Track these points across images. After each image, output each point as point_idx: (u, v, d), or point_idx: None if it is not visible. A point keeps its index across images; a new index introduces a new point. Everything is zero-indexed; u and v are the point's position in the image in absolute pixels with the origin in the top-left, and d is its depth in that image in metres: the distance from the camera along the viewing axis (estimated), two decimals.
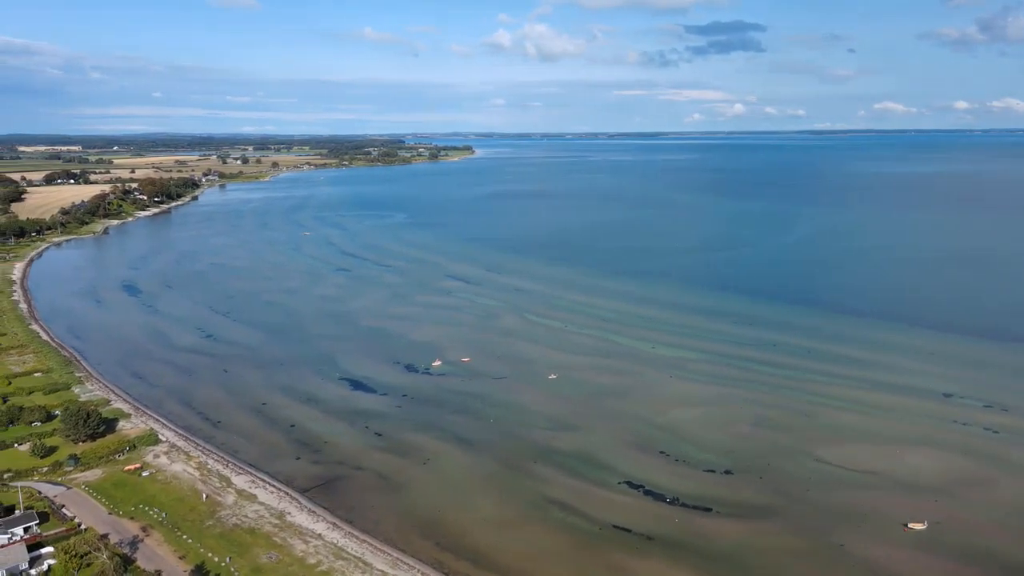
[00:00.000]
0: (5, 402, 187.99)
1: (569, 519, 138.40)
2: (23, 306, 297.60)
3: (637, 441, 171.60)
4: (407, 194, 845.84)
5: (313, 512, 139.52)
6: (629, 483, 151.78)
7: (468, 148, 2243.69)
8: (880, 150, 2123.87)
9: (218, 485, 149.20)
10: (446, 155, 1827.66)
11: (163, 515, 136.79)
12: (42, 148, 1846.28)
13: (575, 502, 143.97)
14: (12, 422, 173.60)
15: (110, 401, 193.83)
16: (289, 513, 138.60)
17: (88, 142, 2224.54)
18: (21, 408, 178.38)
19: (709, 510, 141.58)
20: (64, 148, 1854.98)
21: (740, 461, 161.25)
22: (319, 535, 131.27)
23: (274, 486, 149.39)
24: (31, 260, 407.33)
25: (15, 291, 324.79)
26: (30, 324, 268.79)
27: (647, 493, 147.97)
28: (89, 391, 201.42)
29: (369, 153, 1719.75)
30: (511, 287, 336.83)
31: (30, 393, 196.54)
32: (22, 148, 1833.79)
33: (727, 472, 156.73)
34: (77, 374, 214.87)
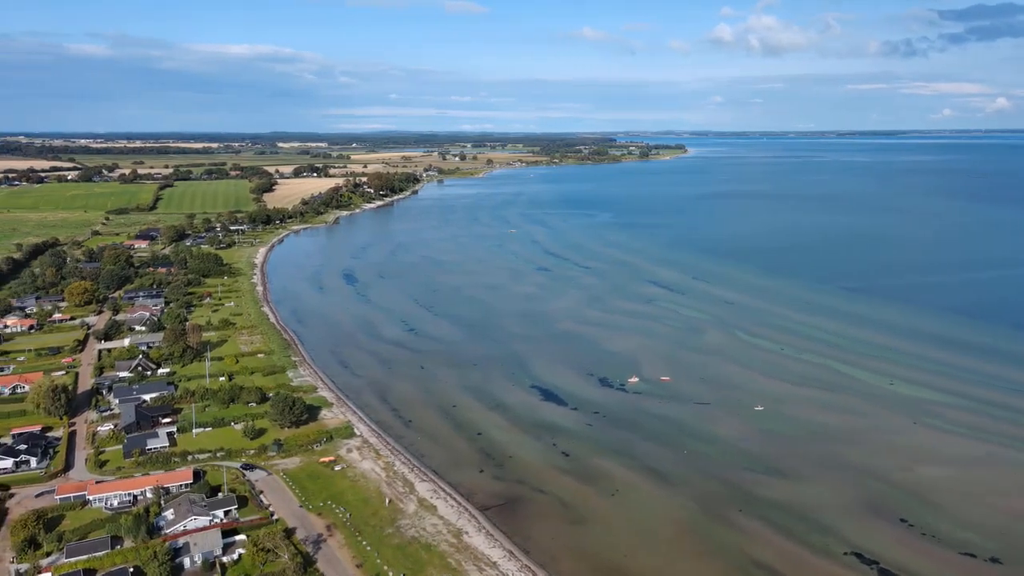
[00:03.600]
0: (231, 380, 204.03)
1: None
2: (259, 288, 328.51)
3: (869, 502, 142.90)
4: (614, 193, 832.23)
5: (491, 535, 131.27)
6: (858, 556, 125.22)
7: (681, 147, 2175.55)
8: None
9: (402, 490, 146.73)
10: (657, 154, 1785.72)
11: (348, 515, 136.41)
12: (296, 144, 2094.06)
13: (788, 570, 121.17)
14: (233, 400, 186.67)
15: (317, 388, 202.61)
16: (467, 532, 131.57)
17: (333, 139, 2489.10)
18: (241, 388, 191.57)
19: None
20: (313, 144, 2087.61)
21: (1014, 547, 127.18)
22: (494, 563, 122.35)
23: (455, 499, 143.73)
24: (272, 246, 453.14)
25: (255, 274, 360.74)
26: (262, 306, 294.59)
27: (883, 573, 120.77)
28: (301, 376, 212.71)
29: (579, 151, 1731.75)
30: (720, 298, 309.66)
31: (252, 373, 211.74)
32: (281, 144, 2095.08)
33: (994, 560, 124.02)
34: (293, 358, 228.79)
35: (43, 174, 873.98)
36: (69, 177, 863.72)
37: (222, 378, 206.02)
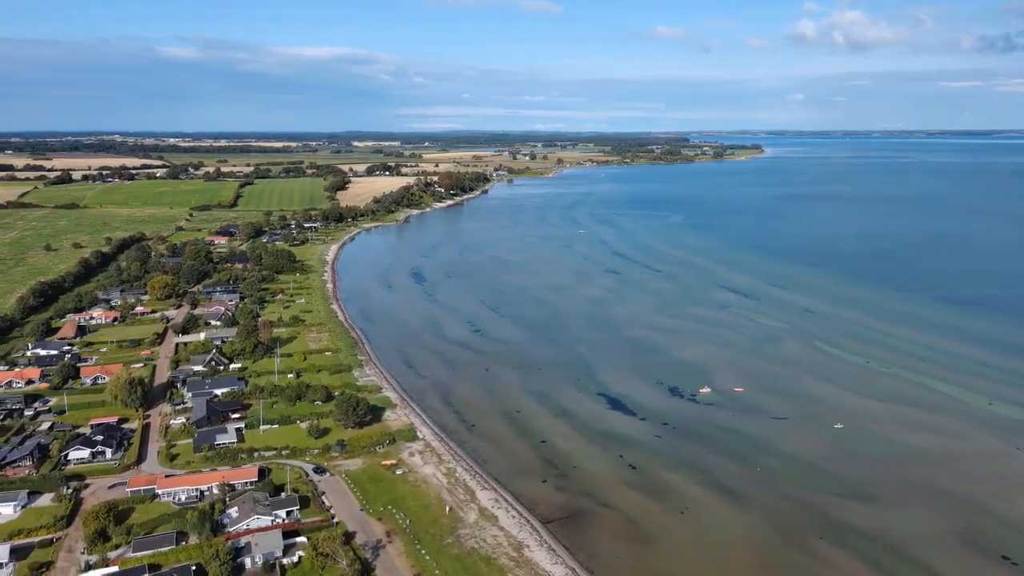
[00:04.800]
0: (298, 377, 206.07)
1: None
2: (329, 286, 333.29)
3: (966, 535, 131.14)
4: (687, 194, 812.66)
5: (552, 550, 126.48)
6: None
7: (757, 147, 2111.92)
8: None
9: (463, 498, 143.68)
10: (732, 154, 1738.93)
11: (407, 521, 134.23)
12: (370, 143, 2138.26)
13: None
14: (299, 398, 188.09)
15: (381, 388, 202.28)
16: (527, 546, 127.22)
17: (406, 138, 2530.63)
18: (308, 386, 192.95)
19: None
20: (386, 143, 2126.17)
21: None
22: None
23: (516, 510, 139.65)
24: (343, 243, 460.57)
25: (326, 271, 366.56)
26: (331, 304, 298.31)
27: None
28: (366, 375, 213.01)
29: (651, 151, 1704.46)
30: (799, 306, 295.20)
31: (319, 371, 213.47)
32: (355, 143, 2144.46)
33: None
34: (359, 357, 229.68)
35: (134, 171, 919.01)
36: (158, 174, 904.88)
37: (290, 375, 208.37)
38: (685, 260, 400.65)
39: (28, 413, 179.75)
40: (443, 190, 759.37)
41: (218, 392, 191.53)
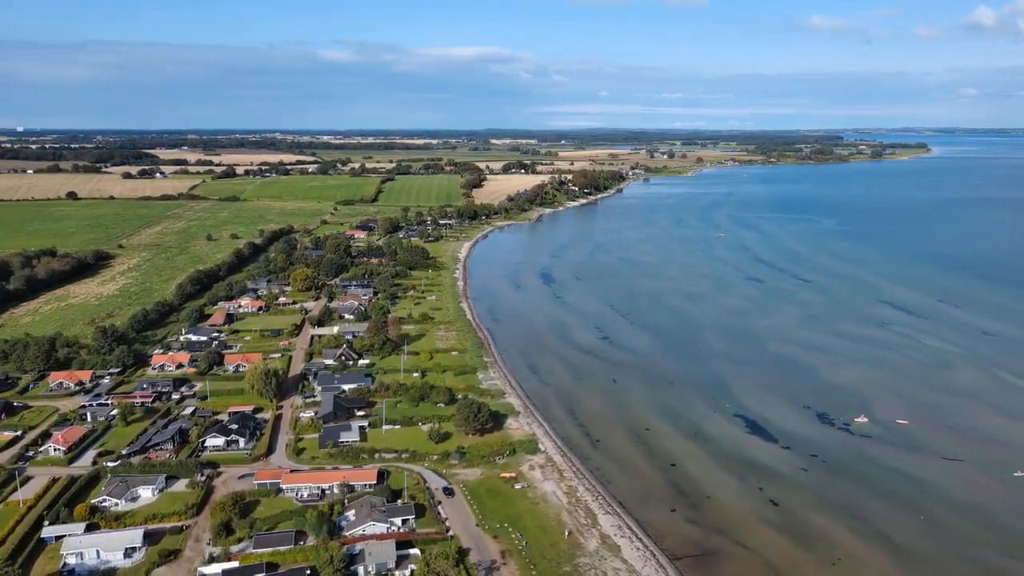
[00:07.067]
0: (423, 376, 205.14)
1: None
2: (460, 284, 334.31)
3: None
4: (839, 196, 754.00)
5: None
6: None
7: (922, 146, 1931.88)
8: None
9: (584, 521, 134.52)
10: (893, 153, 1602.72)
11: (524, 543, 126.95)
12: (507, 141, 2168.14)
13: None
14: (423, 399, 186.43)
15: (504, 393, 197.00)
16: None
17: (543, 136, 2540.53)
18: (432, 387, 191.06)
19: None
20: (523, 141, 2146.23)
21: None
22: None
23: (641, 541, 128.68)
24: (476, 241, 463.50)
25: (457, 269, 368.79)
26: (461, 302, 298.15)
27: None
28: (490, 379, 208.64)
29: (799, 150, 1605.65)
30: (975, 327, 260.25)
31: (444, 371, 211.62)
32: (493, 141, 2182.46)
33: None
34: (485, 358, 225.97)
35: (289, 167, 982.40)
36: (309, 170, 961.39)
37: (415, 374, 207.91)
38: (838, 270, 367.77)
39: (175, 397, 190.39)
40: (577, 189, 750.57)
41: (346, 388, 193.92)
